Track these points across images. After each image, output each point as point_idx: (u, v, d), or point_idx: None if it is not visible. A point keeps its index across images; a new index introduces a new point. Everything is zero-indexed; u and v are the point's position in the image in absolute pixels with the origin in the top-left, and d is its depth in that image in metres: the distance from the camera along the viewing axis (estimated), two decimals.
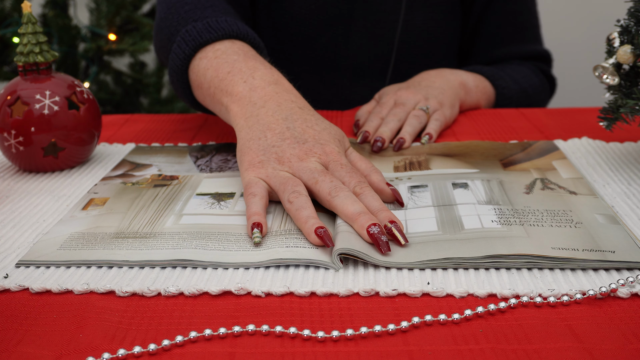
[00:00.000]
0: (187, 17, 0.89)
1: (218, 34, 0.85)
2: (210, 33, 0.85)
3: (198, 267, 0.58)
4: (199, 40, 0.85)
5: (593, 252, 0.57)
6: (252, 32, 0.88)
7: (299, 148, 0.68)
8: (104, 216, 0.68)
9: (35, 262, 0.59)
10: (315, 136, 0.70)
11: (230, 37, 0.85)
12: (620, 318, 0.50)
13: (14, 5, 2.06)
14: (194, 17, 0.88)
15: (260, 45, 0.88)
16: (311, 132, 0.70)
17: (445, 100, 0.96)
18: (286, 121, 0.71)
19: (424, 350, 0.47)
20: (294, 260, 0.58)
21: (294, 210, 0.62)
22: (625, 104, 0.72)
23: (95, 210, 0.70)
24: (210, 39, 0.84)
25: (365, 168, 0.70)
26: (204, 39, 0.84)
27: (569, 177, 0.73)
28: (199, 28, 0.86)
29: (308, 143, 0.69)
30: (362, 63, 1.15)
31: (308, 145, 0.68)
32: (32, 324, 0.51)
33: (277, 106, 0.73)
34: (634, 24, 0.72)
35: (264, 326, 0.49)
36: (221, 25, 0.86)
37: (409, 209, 0.67)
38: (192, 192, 0.73)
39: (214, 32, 0.85)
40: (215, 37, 0.84)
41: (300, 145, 0.68)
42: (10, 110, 0.78)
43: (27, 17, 0.80)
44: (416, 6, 1.12)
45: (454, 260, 0.57)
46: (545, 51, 1.21)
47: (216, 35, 0.85)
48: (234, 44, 0.84)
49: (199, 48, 0.85)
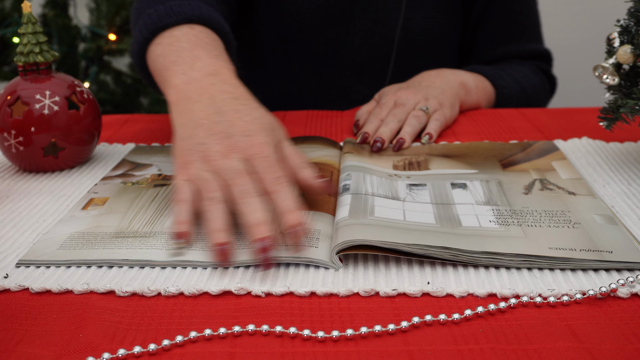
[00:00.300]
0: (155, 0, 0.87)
1: (178, 18, 0.82)
2: (170, 17, 0.82)
3: (198, 267, 0.58)
4: (158, 25, 0.82)
5: (591, 252, 0.57)
6: (217, 16, 0.85)
7: (224, 144, 0.65)
8: (104, 216, 0.68)
9: (35, 262, 0.59)
10: (243, 128, 0.66)
11: (190, 21, 0.83)
12: (620, 318, 0.50)
13: (14, 5, 2.06)
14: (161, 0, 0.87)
15: (223, 29, 0.85)
16: (239, 124, 0.67)
17: (445, 100, 0.96)
18: (217, 115, 0.68)
19: (424, 350, 0.47)
20: (294, 259, 0.58)
21: (206, 220, 0.61)
22: (625, 104, 0.72)
23: (95, 210, 0.70)
24: (170, 23, 0.82)
25: (295, 164, 0.67)
26: (163, 23, 0.82)
27: (568, 178, 0.73)
28: (160, 12, 0.83)
29: (234, 137, 0.65)
30: (362, 62, 1.15)
31: (233, 140, 0.65)
32: (32, 324, 0.51)
33: (210, 100, 0.70)
34: (634, 24, 0.72)
35: (264, 326, 0.49)
36: (183, 9, 0.83)
37: (407, 202, 0.67)
38: None
39: (174, 16, 0.82)
40: (174, 21, 0.82)
41: (226, 141, 0.65)
42: (10, 110, 0.78)
43: (27, 17, 0.80)
44: (416, 5, 1.12)
45: (452, 251, 0.57)
46: (545, 50, 1.21)
47: (176, 19, 0.82)
48: (192, 29, 0.82)
49: (157, 33, 0.83)
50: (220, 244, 0.58)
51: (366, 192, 0.68)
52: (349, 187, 0.69)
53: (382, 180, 0.73)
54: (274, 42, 1.15)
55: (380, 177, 0.74)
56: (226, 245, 0.58)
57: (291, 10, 1.13)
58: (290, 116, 1.03)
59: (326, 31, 1.14)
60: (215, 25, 0.84)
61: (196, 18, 0.83)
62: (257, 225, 0.58)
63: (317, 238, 0.61)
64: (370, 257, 0.59)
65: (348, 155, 0.81)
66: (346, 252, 0.57)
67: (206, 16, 0.84)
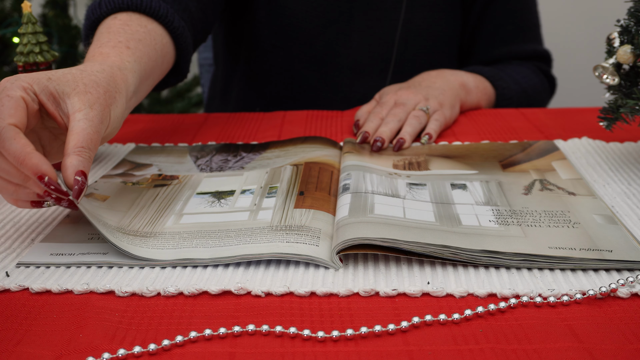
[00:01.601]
0: None
1: (107, 9, 0.84)
2: (101, 8, 0.85)
3: (198, 267, 0.58)
4: (91, 19, 0.85)
5: (590, 251, 0.57)
6: (150, 1, 0.86)
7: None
8: (104, 210, 0.68)
9: (35, 262, 0.60)
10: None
11: (120, 9, 0.84)
12: (620, 318, 0.50)
13: (14, 5, 2.06)
14: None
15: (158, 12, 0.86)
16: None
17: (446, 100, 0.96)
18: None
19: (424, 350, 0.47)
20: (294, 256, 0.58)
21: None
22: (625, 104, 0.72)
23: (96, 202, 0.70)
24: (101, 16, 0.84)
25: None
26: (95, 17, 0.84)
27: (568, 178, 0.73)
28: (95, 5, 0.86)
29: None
30: (362, 61, 1.15)
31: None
32: (32, 324, 0.51)
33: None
34: (634, 24, 0.72)
35: (264, 326, 0.49)
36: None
37: (407, 200, 0.67)
38: (192, 192, 0.73)
39: (104, 7, 0.84)
40: (105, 12, 0.84)
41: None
42: None
43: (27, 17, 0.80)
44: (416, 5, 1.12)
45: (452, 249, 0.57)
46: (545, 51, 1.21)
47: (106, 10, 0.84)
48: (114, 19, 0.83)
49: (92, 28, 0.85)
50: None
51: (366, 191, 0.68)
52: (348, 187, 0.69)
53: (382, 178, 0.73)
54: (274, 41, 1.15)
55: (380, 176, 0.74)
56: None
57: (291, 10, 1.13)
58: (290, 116, 1.03)
59: (326, 31, 1.14)
60: (146, 9, 0.85)
61: (125, 6, 0.84)
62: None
63: (318, 237, 0.61)
64: (370, 257, 0.59)
65: (348, 155, 0.81)
66: (346, 252, 0.57)
67: (137, 3, 0.85)
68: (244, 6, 1.16)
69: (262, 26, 1.15)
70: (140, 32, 0.81)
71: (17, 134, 0.57)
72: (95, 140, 0.61)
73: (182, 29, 0.88)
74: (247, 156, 0.84)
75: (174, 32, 0.87)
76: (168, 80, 0.93)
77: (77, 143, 0.59)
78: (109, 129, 0.65)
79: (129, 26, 0.81)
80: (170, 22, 0.87)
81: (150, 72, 0.81)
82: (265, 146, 0.88)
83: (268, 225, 0.63)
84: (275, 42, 1.16)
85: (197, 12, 0.96)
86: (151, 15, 0.86)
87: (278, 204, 0.68)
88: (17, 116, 0.58)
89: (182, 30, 0.88)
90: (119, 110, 0.67)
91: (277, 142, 0.89)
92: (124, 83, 0.69)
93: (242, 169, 0.80)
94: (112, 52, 0.74)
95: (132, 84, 0.72)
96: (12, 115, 0.58)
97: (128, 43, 0.77)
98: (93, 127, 0.61)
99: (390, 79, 1.15)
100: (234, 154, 0.85)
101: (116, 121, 0.66)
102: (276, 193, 0.71)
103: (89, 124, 0.61)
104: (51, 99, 0.61)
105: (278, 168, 0.78)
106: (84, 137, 0.60)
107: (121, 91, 0.68)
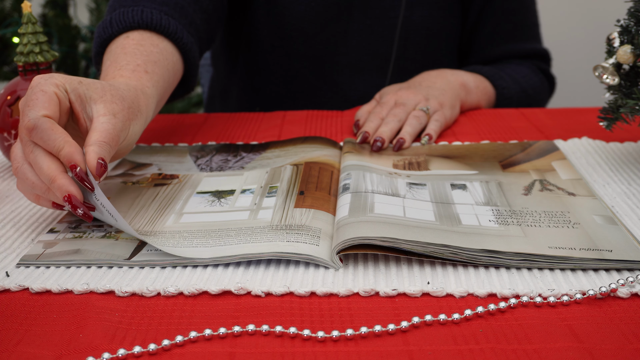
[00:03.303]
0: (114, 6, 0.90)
1: (119, 27, 0.85)
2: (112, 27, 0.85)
3: (198, 267, 0.58)
4: (103, 37, 0.85)
5: (590, 251, 0.57)
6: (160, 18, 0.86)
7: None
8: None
9: (35, 262, 0.60)
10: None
11: (131, 28, 0.85)
12: (620, 318, 0.50)
13: (14, 5, 2.06)
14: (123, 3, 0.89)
15: (168, 30, 0.86)
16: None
17: (446, 100, 0.96)
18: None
19: (424, 350, 0.47)
20: (294, 255, 0.58)
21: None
22: (625, 104, 0.72)
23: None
24: (113, 34, 0.85)
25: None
26: (107, 35, 0.85)
27: (568, 179, 0.73)
28: (106, 22, 0.86)
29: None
30: (361, 59, 1.15)
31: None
32: (32, 324, 0.51)
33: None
34: (634, 24, 0.72)
35: (264, 326, 0.49)
36: (126, 17, 0.85)
37: (407, 199, 0.67)
38: (192, 191, 0.73)
39: (116, 25, 0.85)
40: (117, 31, 0.85)
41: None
42: (10, 110, 0.78)
43: (27, 17, 0.80)
44: (415, 3, 1.12)
45: (452, 248, 0.57)
46: (544, 50, 1.21)
47: (117, 29, 0.85)
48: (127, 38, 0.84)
49: (104, 45, 0.86)
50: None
51: (366, 190, 0.68)
52: (348, 187, 0.69)
53: (382, 177, 0.73)
54: (273, 40, 1.15)
55: (380, 175, 0.74)
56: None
57: (290, 10, 1.13)
58: (290, 116, 1.03)
59: (325, 30, 1.14)
60: (157, 27, 0.86)
61: (136, 24, 0.85)
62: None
63: (318, 237, 0.61)
64: (370, 257, 0.59)
65: (348, 154, 0.81)
66: (346, 251, 0.57)
67: (147, 21, 0.85)
68: (243, 6, 1.16)
69: (261, 26, 1.16)
70: (154, 53, 0.82)
71: (53, 124, 0.61)
72: (115, 141, 0.64)
73: (190, 44, 0.90)
74: (247, 156, 0.84)
75: (183, 48, 0.88)
76: (176, 93, 0.94)
77: (99, 138, 0.62)
78: (125, 142, 0.68)
79: (143, 46, 0.82)
80: (180, 38, 0.88)
81: (164, 94, 0.83)
82: (265, 146, 0.88)
83: (268, 225, 0.63)
84: (274, 41, 1.16)
85: (202, 24, 0.97)
86: (162, 33, 0.86)
87: (278, 204, 0.68)
88: (50, 109, 0.61)
89: (190, 45, 0.90)
90: (137, 127, 0.70)
91: (277, 142, 0.89)
92: (145, 107, 0.72)
93: (242, 169, 0.80)
94: (132, 77, 0.76)
95: (151, 110, 0.75)
96: (46, 108, 0.61)
97: (146, 67, 0.78)
98: (115, 130, 0.64)
99: (390, 77, 1.15)
100: (234, 154, 0.85)
101: (133, 137, 0.69)
102: (276, 193, 0.71)
103: (112, 126, 0.64)
104: (79, 100, 0.65)
105: (278, 168, 0.78)
106: (106, 134, 0.63)
107: (142, 112, 0.71)
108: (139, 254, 0.60)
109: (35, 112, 0.60)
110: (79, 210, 0.60)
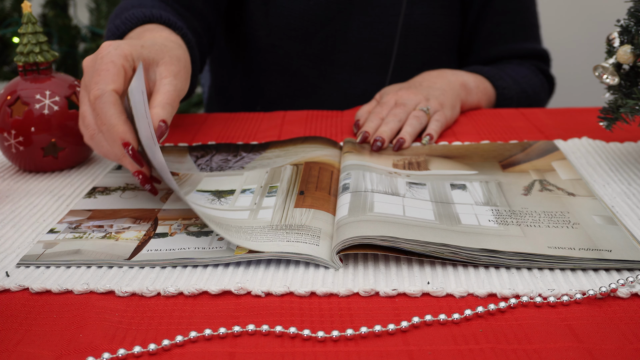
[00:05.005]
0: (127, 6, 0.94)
1: (131, 24, 0.89)
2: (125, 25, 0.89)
3: (198, 267, 0.58)
4: (122, 29, 0.89)
5: (590, 251, 0.57)
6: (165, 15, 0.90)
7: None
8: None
9: (35, 262, 0.60)
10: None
11: (143, 22, 0.89)
12: (620, 318, 0.50)
13: (14, 5, 2.06)
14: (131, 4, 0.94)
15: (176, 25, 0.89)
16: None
17: (446, 101, 0.96)
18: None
19: (424, 350, 0.47)
20: (295, 255, 0.58)
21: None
22: (625, 104, 0.72)
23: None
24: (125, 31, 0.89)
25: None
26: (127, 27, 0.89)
27: (568, 179, 0.73)
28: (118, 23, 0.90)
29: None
30: (361, 57, 1.15)
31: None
32: (32, 324, 0.51)
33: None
34: (634, 24, 0.72)
35: (264, 326, 0.49)
36: (136, 15, 0.89)
37: (407, 198, 0.67)
38: (192, 188, 0.73)
39: (128, 23, 0.89)
40: (129, 27, 0.89)
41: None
42: (10, 110, 0.78)
43: (27, 17, 0.80)
44: (416, 0, 1.12)
45: (452, 247, 0.57)
46: (544, 50, 1.21)
47: (130, 25, 0.89)
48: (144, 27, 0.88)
49: (122, 37, 0.88)
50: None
51: (366, 190, 0.68)
52: (348, 186, 0.69)
53: (382, 177, 0.73)
54: (273, 39, 1.15)
55: (380, 174, 0.74)
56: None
57: (289, 9, 1.13)
58: (290, 116, 1.03)
59: (324, 28, 1.14)
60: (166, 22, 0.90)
61: (147, 19, 0.89)
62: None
63: (318, 237, 0.61)
64: (370, 257, 0.59)
65: (348, 154, 0.81)
66: (346, 251, 0.57)
67: (157, 15, 0.89)
68: (242, 6, 1.16)
69: (260, 26, 1.15)
70: (171, 38, 0.84)
71: (116, 100, 0.65)
72: (176, 102, 0.71)
73: (193, 42, 0.91)
74: (247, 156, 0.84)
75: (188, 43, 0.89)
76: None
77: (163, 100, 0.69)
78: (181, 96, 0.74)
79: (160, 34, 0.85)
80: (185, 34, 0.89)
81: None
82: (265, 146, 0.88)
83: (268, 225, 0.63)
84: (274, 41, 1.16)
85: (204, 33, 1.01)
86: (170, 27, 0.89)
87: (278, 204, 0.68)
88: (118, 82, 0.66)
89: (193, 44, 0.91)
90: (188, 83, 0.77)
91: (277, 142, 0.89)
92: (190, 64, 0.79)
93: (242, 169, 0.80)
94: (170, 36, 0.82)
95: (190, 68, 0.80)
96: (114, 82, 0.66)
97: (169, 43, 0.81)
98: (176, 92, 0.71)
99: (390, 75, 1.15)
100: (234, 154, 0.85)
101: (185, 91, 0.76)
102: (276, 192, 0.71)
103: (173, 89, 0.71)
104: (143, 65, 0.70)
105: (278, 168, 0.78)
106: (169, 97, 0.69)
107: (189, 70, 0.78)
108: (139, 254, 0.60)
109: (104, 84, 0.65)
110: (146, 186, 0.67)
